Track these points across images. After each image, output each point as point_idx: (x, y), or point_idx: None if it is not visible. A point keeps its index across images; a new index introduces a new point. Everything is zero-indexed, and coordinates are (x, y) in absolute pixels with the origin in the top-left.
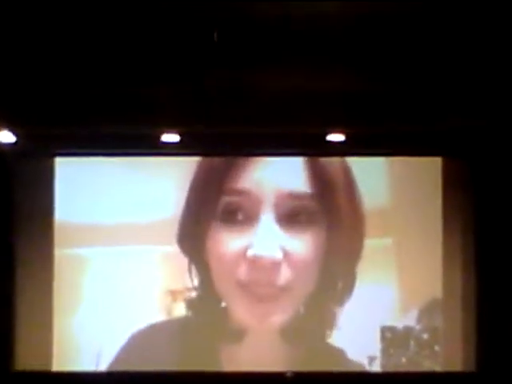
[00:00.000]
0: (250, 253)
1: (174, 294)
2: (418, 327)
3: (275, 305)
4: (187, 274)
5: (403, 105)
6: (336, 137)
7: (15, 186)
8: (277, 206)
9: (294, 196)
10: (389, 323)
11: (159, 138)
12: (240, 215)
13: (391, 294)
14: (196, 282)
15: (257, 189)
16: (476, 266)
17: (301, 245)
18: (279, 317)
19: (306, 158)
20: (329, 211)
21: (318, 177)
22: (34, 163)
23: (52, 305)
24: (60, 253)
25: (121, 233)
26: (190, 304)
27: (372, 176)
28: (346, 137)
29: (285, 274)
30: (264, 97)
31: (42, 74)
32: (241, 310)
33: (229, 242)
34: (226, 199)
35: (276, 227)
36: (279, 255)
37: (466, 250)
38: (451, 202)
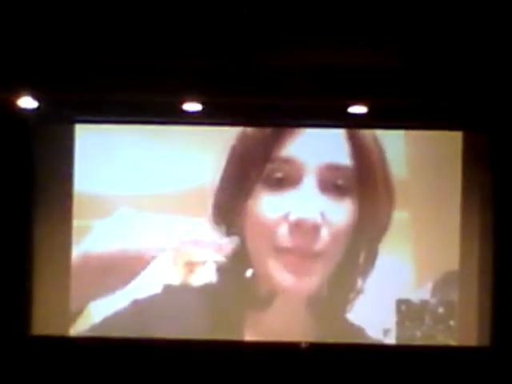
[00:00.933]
0: (292, 216)
1: (190, 265)
2: (433, 301)
3: (310, 268)
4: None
5: (424, 79)
6: (358, 109)
7: (36, 152)
8: (318, 174)
9: (333, 166)
10: (404, 296)
11: (181, 106)
12: (282, 180)
13: (407, 267)
14: (227, 250)
15: (299, 158)
16: (493, 240)
17: (338, 212)
18: (311, 280)
19: (346, 132)
20: (365, 183)
21: (357, 149)
22: (55, 129)
23: (70, 273)
24: (79, 223)
25: (140, 202)
26: (216, 273)
27: (392, 148)
28: (368, 109)
29: (322, 239)
30: (286, 71)
31: (65, 40)
32: (275, 273)
33: (270, 207)
34: (269, 166)
35: (317, 192)
36: (319, 219)
37: (484, 225)
38: (470, 176)
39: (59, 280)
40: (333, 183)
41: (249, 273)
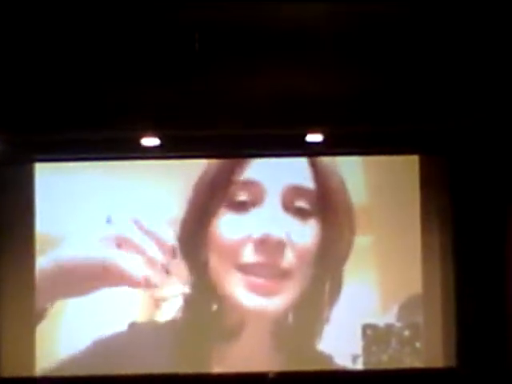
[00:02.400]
0: (256, 234)
1: (156, 301)
2: (398, 324)
3: (275, 288)
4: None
5: (379, 105)
6: (314, 137)
7: None
8: (281, 195)
9: (296, 188)
10: (370, 321)
11: (139, 141)
12: (245, 201)
13: (371, 292)
14: (191, 283)
15: (262, 180)
16: (454, 262)
17: (303, 233)
18: (277, 301)
19: (307, 159)
20: (326, 207)
21: (318, 174)
22: (14, 169)
23: (34, 311)
24: (42, 263)
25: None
26: (180, 307)
27: (350, 175)
28: (324, 137)
29: (287, 257)
30: (243, 100)
31: (22, 80)
32: (240, 294)
33: (233, 227)
34: (231, 189)
35: (281, 211)
36: (284, 239)
37: (445, 247)
38: (429, 199)
39: (24, 321)
40: (296, 204)
41: (214, 306)
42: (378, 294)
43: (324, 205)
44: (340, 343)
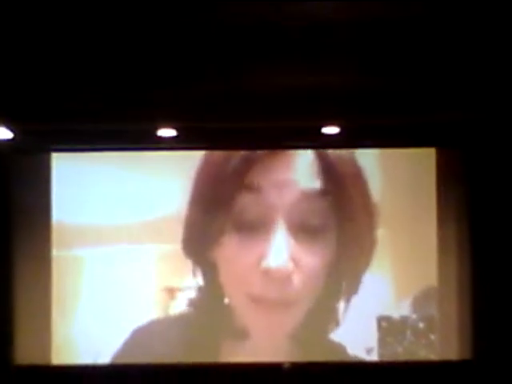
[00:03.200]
0: (263, 264)
1: (171, 292)
2: (413, 316)
3: (284, 315)
4: (187, 273)
5: (396, 97)
6: (331, 129)
7: (12, 182)
8: (290, 212)
9: (306, 196)
10: (385, 313)
11: (155, 132)
12: (253, 223)
13: (387, 284)
14: (200, 281)
15: (270, 197)
16: (470, 254)
17: (312, 254)
18: (287, 326)
19: (317, 154)
20: (341, 208)
21: (330, 171)
22: (31, 159)
23: (50, 302)
24: (58, 252)
25: (118, 232)
26: (192, 301)
27: (366, 168)
28: (341, 129)
29: (295, 286)
30: (260, 93)
31: (39, 70)
32: (250, 320)
33: (242, 253)
34: (239, 206)
35: (289, 237)
36: (291, 266)
37: (461, 239)
38: (445, 192)
39: (40, 310)
40: (305, 220)
41: (225, 301)
42: (394, 286)
43: (340, 211)
44: (355, 335)
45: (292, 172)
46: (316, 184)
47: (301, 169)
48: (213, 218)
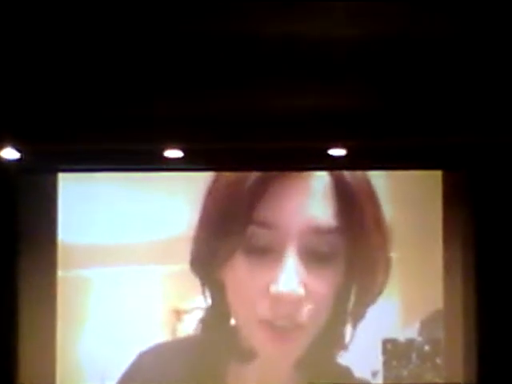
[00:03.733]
0: (273, 289)
1: (178, 314)
2: (419, 339)
3: (293, 340)
4: (194, 294)
5: (403, 120)
6: (337, 151)
7: (19, 203)
8: (300, 240)
9: (317, 230)
10: (390, 336)
11: (162, 153)
12: (264, 247)
13: (393, 307)
14: (208, 302)
15: (281, 222)
16: (476, 278)
17: (321, 281)
18: (294, 351)
19: (330, 175)
20: (354, 232)
21: (343, 193)
22: (37, 180)
23: (55, 323)
24: (63, 273)
25: (125, 252)
26: (199, 323)
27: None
28: (347, 151)
29: (305, 311)
30: (266, 114)
31: (47, 90)
32: (257, 343)
33: (251, 276)
34: (251, 230)
35: (299, 263)
36: (301, 292)
37: (467, 263)
38: (451, 215)
39: (45, 331)
40: (315, 251)
41: (232, 322)
42: (399, 308)
43: (351, 242)
44: (360, 357)
45: (304, 196)
46: (328, 208)
47: (313, 192)
48: (222, 239)
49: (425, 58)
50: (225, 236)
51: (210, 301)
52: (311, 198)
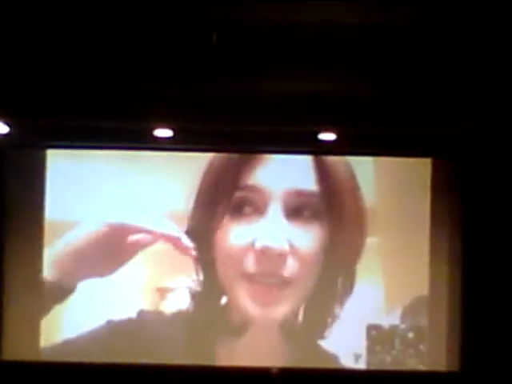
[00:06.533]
0: (258, 244)
1: (161, 292)
2: (403, 326)
3: (278, 296)
4: (176, 272)
5: (395, 106)
6: (327, 135)
7: (6, 177)
8: (284, 201)
9: (301, 193)
10: (374, 321)
11: (152, 132)
12: (248, 209)
13: (377, 293)
14: (200, 277)
15: (265, 185)
16: (462, 265)
17: (306, 238)
18: (281, 309)
19: (314, 158)
20: (333, 209)
21: (325, 175)
22: (26, 155)
23: (41, 299)
24: (49, 250)
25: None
26: (187, 300)
27: (361, 175)
28: (337, 136)
29: (290, 266)
30: (256, 97)
31: (37, 65)
32: (244, 302)
33: (237, 235)
34: (236, 195)
35: (283, 220)
36: (286, 247)
37: (453, 251)
38: (439, 202)
39: (29, 306)
40: (299, 209)
41: (223, 300)
42: (384, 294)
43: (330, 207)
44: (344, 342)
45: (289, 172)
46: (311, 184)
47: (297, 170)
48: (212, 210)
49: (417, 45)
50: (214, 207)
51: (200, 276)
52: (295, 175)
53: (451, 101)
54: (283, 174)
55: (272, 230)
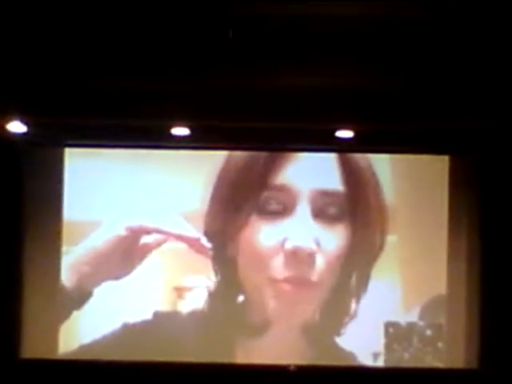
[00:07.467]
0: (288, 244)
1: (179, 291)
2: (421, 323)
3: (304, 297)
4: (194, 271)
5: (411, 103)
6: (345, 133)
7: (24, 177)
8: (312, 201)
9: (327, 192)
10: (393, 319)
11: (169, 130)
12: (276, 208)
13: (395, 290)
14: (218, 277)
15: (292, 184)
16: (481, 263)
17: (331, 238)
18: (305, 309)
19: (337, 156)
20: (357, 207)
21: (348, 174)
22: (43, 154)
23: (59, 299)
24: (68, 248)
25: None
26: (205, 299)
27: (378, 173)
28: (355, 133)
29: (318, 267)
30: (275, 94)
31: (54, 64)
32: (268, 302)
33: (266, 234)
34: (263, 194)
35: (311, 220)
36: (314, 247)
37: (472, 248)
38: (457, 199)
39: (48, 304)
40: (325, 210)
41: (240, 299)
42: (402, 292)
43: (354, 206)
44: (362, 340)
45: (314, 171)
46: (336, 182)
47: (322, 169)
48: (236, 209)
49: (434, 41)
50: (238, 206)
51: (219, 276)
52: (319, 174)
53: (470, 96)
54: (309, 172)
55: (301, 230)
